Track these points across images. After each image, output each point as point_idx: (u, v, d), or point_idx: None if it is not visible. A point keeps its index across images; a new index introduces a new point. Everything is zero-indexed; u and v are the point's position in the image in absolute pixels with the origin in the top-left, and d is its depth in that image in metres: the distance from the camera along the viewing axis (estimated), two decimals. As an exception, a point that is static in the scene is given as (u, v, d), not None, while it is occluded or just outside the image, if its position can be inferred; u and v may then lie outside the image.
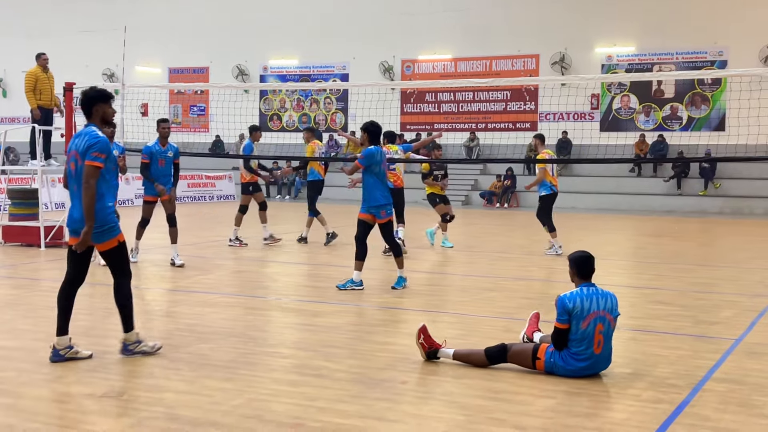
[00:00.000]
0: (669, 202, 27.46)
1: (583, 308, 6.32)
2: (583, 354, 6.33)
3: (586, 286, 6.47)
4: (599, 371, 6.47)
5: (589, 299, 6.36)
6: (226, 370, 6.55)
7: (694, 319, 8.97)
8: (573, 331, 6.34)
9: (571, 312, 6.31)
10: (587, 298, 6.36)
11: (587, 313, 6.32)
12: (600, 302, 6.39)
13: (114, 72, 35.20)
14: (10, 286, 11.01)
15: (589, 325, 6.31)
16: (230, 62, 34.87)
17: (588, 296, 6.38)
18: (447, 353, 6.78)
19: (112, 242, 6.76)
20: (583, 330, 6.30)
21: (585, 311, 6.32)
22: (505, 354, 6.57)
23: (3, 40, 38.50)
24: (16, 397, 5.75)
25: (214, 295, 9.99)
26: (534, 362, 6.48)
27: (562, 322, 6.36)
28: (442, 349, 6.81)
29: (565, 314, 6.33)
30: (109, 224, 6.72)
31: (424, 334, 6.85)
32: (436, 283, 12.09)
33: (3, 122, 36.96)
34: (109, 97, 7.00)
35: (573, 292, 6.44)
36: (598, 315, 6.35)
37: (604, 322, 6.37)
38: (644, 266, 13.77)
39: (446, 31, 31.88)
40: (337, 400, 5.78)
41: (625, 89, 29.91)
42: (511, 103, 31.32)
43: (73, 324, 7.97)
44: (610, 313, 6.43)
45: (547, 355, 6.44)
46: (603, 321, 6.36)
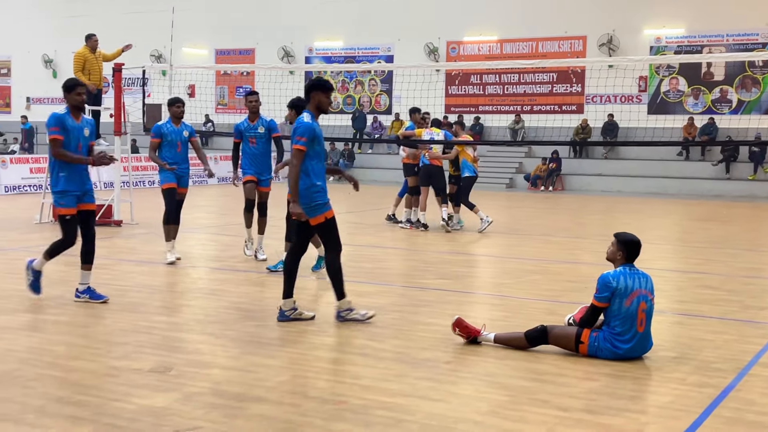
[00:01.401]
0: (717, 186, 27.05)
1: (627, 286, 6.34)
2: (627, 334, 6.32)
3: (629, 266, 6.49)
4: (642, 354, 6.44)
5: (632, 278, 6.40)
6: (271, 347, 6.63)
7: (741, 304, 8.86)
8: (616, 310, 6.33)
9: (615, 290, 6.32)
10: (630, 277, 6.40)
11: (631, 291, 6.34)
12: (641, 281, 6.43)
13: (162, 53, 35.50)
14: (60, 263, 11.18)
15: (632, 303, 6.32)
16: (276, 44, 34.98)
17: (631, 275, 6.42)
18: (488, 338, 6.78)
19: (320, 218, 7.33)
20: (627, 308, 6.31)
21: (629, 289, 6.34)
22: (545, 336, 6.56)
23: (53, 22, 39.07)
24: (67, 371, 5.88)
25: (259, 274, 10.09)
26: (577, 346, 6.46)
27: (601, 300, 6.38)
28: (482, 334, 6.81)
29: (607, 292, 6.34)
30: (316, 202, 7.30)
31: (459, 327, 6.86)
32: (479, 265, 12.09)
33: (53, 102, 37.53)
34: (329, 88, 7.49)
35: (616, 271, 6.46)
36: (641, 293, 6.38)
37: (646, 301, 6.39)
38: (692, 251, 13.61)
39: (492, 12, 31.63)
40: (381, 379, 5.82)
41: (674, 71, 29.47)
42: (557, 85, 31.03)
43: (122, 300, 8.13)
44: (651, 293, 6.46)
45: (591, 339, 6.42)
46: (645, 300, 6.39)
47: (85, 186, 8.14)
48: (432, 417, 5.05)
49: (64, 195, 8.02)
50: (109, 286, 8.58)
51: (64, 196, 8.02)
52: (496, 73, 31.75)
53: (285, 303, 7.47)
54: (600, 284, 6.40)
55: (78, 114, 8.11)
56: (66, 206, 8.04)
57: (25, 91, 41.06)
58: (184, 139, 10.91)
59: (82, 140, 8.10)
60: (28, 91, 40.98)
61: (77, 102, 8.07)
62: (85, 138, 8.13)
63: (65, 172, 7.99)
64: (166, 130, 10.80)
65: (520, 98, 31.62)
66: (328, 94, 7.46)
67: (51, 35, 39.03)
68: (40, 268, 8.32)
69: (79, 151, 8.06)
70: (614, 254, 6.59)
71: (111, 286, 8.66)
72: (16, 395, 5.32)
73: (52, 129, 7.95)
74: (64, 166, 7.99)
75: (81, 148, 8.08)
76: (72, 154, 7.95)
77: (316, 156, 7.37)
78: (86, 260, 8.25)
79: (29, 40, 39.84)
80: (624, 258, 6.53)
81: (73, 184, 8.02)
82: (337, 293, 7.50)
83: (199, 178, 28.01)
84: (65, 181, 7.98)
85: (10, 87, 42.11)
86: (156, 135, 10.81)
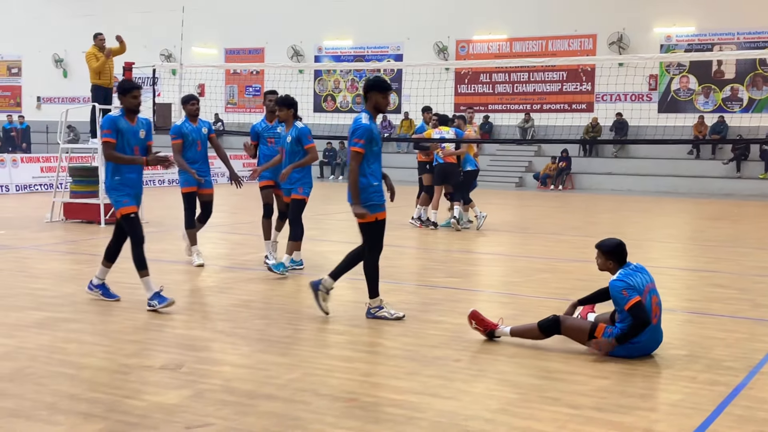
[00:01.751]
0: (728, 184, 26.97)
1: (638, 282, 6.38)
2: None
3: (626, 266, 6.55)
4: (655, 348, 6.44)
5: (637, 275, 6.46)
6: (282, 345, 6.65)
7: (752, 302, 8.84)
8: None
9: (634, 287, 6.32)
10: (635, 275, 6.45)
11: (643, 286, 6.39)
12: (646, 276, 6.51)
13: (172, 52, 35.60)
14: (72, 261, 11.27)
15: (647, 297, 6.36)
16: (285, 43, 35.03)
17: (635, 272, 6.48)
18: (505, 332, 6.79)
19: (370, 217, 7.43)
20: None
21: (641, 285, 6.39)
22: (558, 326, 6.56)
23: (63, 21, 39.20)
24: (78, 368, 5.91)
25: (270, 272, 10.10)
26: (590, 340, 6.46)
27: (635, 296, 6.29)
28: (499, 328, 6.82)
29: (632, 289, 6.30)
30: (372, 201, 7.43)
31: (475, 320, 6.86)
32: (489, 263, 12.08)
33: (64, 102, 37.67)
34: (386, 88, 7.54)
35: (622, 273, 6.47)
36: (651, 287, 6.46)
37: (656, 293, 6.48)
38: (702, 249, 13.58)
39: (501, 10, 31.61)
40: (392, 377, 5.83)
41: (684, 70, 29.39)
42: (567, 84, 30.98)
43: (132, 297, 8.16)
44: (653, 284, 6.53)
45: (605, 335, 6.40)
46: (655, 293, 6.47)
47: (137, 188, 8.11)
48: (442, 414, 5.05)
49: (122, 194, 7.93)
50: (119, 284, 8.61)
51: (123, 194, 7.93)
52: (506, 72, 31.72)
53: (371, 302, 7.60)
54: (621, 288, 6.33)
55: (133, 116, 8.06)
56: (129, 204, 7.92)
57: (35, 91, 41.23)
58: (203, 137, 10.47)
59: (138, 142, 8.05)
60: (38, 90, 41.15)
61: (132, 105, 8.07)
62: (141, 140, 8.07)
63: (119, 176, 7.95)
64: (186, 130, 10.33)
65: (530, 97, 31.58)
66: (386, 94, 7.53)
67: (61, 35, 39.15)
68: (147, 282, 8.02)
69: (135, 153, 8.03)
70: (605, 264, 6.62)
71: (122, 284, 8.68)
72: (28, 392, 5.34)
73: (105, 132, 7.91)
74: (118, 168, 7.95)
75: (138, 151, 8.05)
76: (124, 156, 7.89)
77: (374, 156, 7.49)
78: (110, 258, 8.22)
79: (40, 40, 39.99)
80: (617, 263, 6.57)
81: (128, 186, 7.99)
82: (371, 291, 7.61)
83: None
84: (120, 183, 7.96)
85: (20, 86, 42.27)
86: (177, 136, 10.31)
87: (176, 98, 16.67)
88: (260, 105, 36.23)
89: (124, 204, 7.90)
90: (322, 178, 31.92)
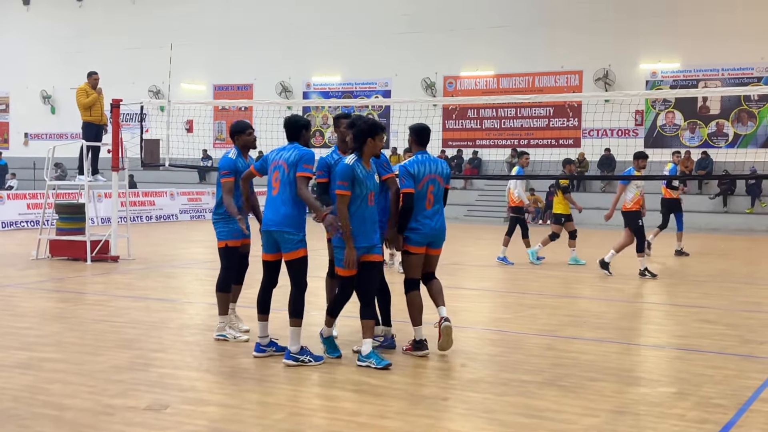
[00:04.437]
0: (715, 219, 27.08)
1: (419, 171, 7.43)
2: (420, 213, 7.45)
3: (421, 154, 7.59)
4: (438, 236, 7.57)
5: (423, 164, 7.49)
6: (268, 384, 6.58)
7: (741, 338, 8.82)
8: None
9: (413, 175, 7.40)
10: (422, 164, 7.47)
11: (423, 175, 7.44)
12: (432, 167, 7.53)
13: (160, 89, 35.70)
14: (57, 299, 11.18)
15: (424, 185, 7.45)
16: (274, 79, 35.19)
17: (422, 162, 7.50)
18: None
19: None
20: (419, 190, 7.43)
21: (421, 174, 7.43)
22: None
23: (51, 58, 39.30)
24: (62, 409, 5.83)
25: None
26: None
27: (408, 187, 7.38)
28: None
29: (410, 178, 7.38)
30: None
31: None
32: (479, 299, 12.05)
33: (51, 138, 37.63)
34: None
35: (411, 160, 7.54)
36: (431, 178, 7.50)
37: (434, 183, 7.52)
38: (690, 284, 13.58)
39: (488, 47, 31.87)
40: (379, 416, 5.77)
41: (670, 105, 29.63)
42: (554, 120, 31.18)
43: (117, 336, 8.07)
44: (441, 176, 7.57)
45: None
46: (434, 183, 7.52)
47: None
48: (430, 455, 4.99)
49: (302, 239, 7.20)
50: (104, 323, 8.53)
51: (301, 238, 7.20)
52: (493, 108, 31.92)
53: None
54: (403, 173, 7.44)
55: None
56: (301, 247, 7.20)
57: (23, 127, 41.24)
58: None
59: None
60: (26, 126, 41.16)
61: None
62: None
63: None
64: (242, 166, 8.04)
65: (517, 132, 31.75)
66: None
67: (49, 71, 39.26)
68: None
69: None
70: (410, 142, 7.80)
71: (106, 323, 8.60)
72: (10, 434, 5.26)
73: (225, 173, 7.87)
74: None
75: None
76: (310, 197, 7.19)
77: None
78: (267, 309, 7.52)
79: (28, 76, 40.09)
80: (416, 144, 7.68)
81: None
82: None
83: (197, 213, 28.01)
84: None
85: (8, 123, 42.27)
86: (231, 173, 7.94)
87: (164, 134, 16.69)
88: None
89: (299, 244, 7.18)
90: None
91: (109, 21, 38.25)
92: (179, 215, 27.17)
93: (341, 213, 6.90)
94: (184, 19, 36.44)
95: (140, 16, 37.66)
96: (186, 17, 36.54)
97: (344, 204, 6.91)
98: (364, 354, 7.08)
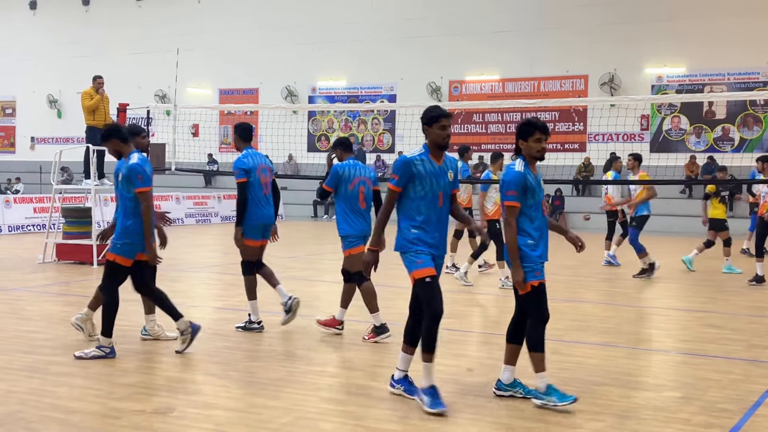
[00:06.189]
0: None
1: (350, 174, 8.30)
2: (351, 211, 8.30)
3: (351, 159, 8.45)
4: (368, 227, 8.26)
5: (353, 168, 8.36)
6: (274, 388, 6.59)
7: (746, 342, 8.82)
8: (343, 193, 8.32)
9: (340, 177, 8.29)
10: (352, 167, 8.35)
11: (353, 178, 8.31)
12: (361, 170, 8.38)
13: (166, 93, 35.76)
14: (63, 303, 11.21)
15: (355, 186, 8.31)
16: (279, 83, 35.23)
17: (353, 166, 8.37)
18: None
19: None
20: (350, 191, 8.29)
21: (351, 176, 8.30)
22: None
23: (57, 62, 39.42)
24: (68, 413, 5.85)
25: (262, 314, 10.05)
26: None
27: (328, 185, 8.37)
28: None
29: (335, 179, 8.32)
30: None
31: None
32: (484, 303, 12.05)
33: (58, 142, 37.75)
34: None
35: (343, 163, 8.40)
36: (360, 179, 8.34)
37: (365, 185, 8.36)
38: (695, 289, 13.57)
39: (494, 51, 31.88)
40: (385, 420, 5.78)
41: (676, 110, 29.60)
42: (559, 124, 31.17)
43: (124, 340, 8.10)
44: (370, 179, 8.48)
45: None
46: (364, 184, 8.36)
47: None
48: (436, 459, 5.00)
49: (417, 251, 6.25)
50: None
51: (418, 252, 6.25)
52: (499, 112, 31.91)
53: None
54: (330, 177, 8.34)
55: (440, 155, 6.34)
56: (425, 266, 6.22)
57: (29, 131, 41.35)
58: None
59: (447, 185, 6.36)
60: (32, 131, 41.27)
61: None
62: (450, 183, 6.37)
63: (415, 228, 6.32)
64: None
65: (523, 137, 31.68)
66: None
67: (56, 75, 39.37)
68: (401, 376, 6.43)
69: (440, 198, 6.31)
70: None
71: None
72: (18, 437, 5.28)
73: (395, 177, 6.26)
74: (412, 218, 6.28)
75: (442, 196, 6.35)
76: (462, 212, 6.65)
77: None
78: (414, 340, 6.37)
79: (34, 80, 40.20)
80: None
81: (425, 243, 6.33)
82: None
83: (203, 217, 28.06)
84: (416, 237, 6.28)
85: (14, 127, 42.38)
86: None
87: (170, 139, 16.74)
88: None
89: (418, 265, 6.21)
90: (316, 217, 31.94)
91: (115, 25, 38.34)
92: (185, 219, 27.20)
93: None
94: (190, 24, 36.52)
95: (147, 20, 37.75)
96: (192, 21, 36.62)
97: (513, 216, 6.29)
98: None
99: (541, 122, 6.38)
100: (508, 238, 6.27)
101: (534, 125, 6.32)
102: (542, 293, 6.31)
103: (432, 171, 6.21)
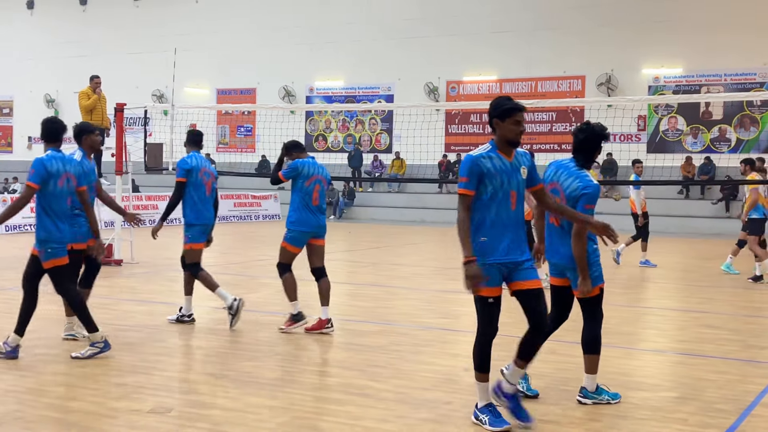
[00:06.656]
0: (717, 224, 27.06)
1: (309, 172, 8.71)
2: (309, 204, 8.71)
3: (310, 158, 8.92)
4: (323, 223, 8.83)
5: (313, 167, 8.79)
6: (272, 387, 6.59)
7: (743, 343, 8.83)
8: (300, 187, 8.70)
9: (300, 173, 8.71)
10: (312, 166, 8.79)
11: (311, 175, 8.73)
12: (319, 170, 8.82)
13: (163, 93, 35.73)
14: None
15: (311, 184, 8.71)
16: (277, 83, 35.22)
17: (312, 164, 8.81)
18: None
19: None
20: (307, 187, 8.71)
21: (310, 173, 8.70)
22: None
23: (55, 62, 39.38)
24: (65, 412, 5.85)
25: (259, 313, 10.06)
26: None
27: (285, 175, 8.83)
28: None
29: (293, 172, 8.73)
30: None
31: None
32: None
33: (55, 142, 37.65)
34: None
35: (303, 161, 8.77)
36: (317, 178, 8.77)
37: (320, 183, 8.78)
38: (693, 289, 13.59)
39: (491, 52, 31.90)
40: (382, 420, 5.78)
41: (673, 111, 29.63)
42: (556, 124, 31.19)
43: (121, 340, 8.09)
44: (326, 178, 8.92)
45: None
46: (319, 183, 8.77)
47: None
48: (433, 459, 5.00)
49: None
50: (108, 326, 8.54)
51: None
52: (496, 113, 31.88)
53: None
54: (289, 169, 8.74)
55: (510, 151, 5.71)
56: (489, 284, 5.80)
57: (26, 131, 41.27)
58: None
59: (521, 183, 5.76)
60: (30, 130, 41.17)
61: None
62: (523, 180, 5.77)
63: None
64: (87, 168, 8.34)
65: (520, 137, 31.70)
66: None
67: (53, 75, 39.33)
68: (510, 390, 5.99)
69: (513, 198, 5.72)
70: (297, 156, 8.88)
71: (110, 326, 8.62)
72: (15, 437, 5.28)
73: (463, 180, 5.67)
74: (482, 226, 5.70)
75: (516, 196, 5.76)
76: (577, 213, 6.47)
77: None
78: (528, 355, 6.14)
79: (31, 80, 40.15)
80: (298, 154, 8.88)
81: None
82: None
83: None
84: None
85: (11, 126, 42.34)
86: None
87: (167, 138, 16.73)
88: (252, 145, 36.39)
89: (484, 282, 5.77)
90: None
91: (112, 25, 38.31)
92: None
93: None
94: (188, 24, 36.50)
95: (144, 20, 37.73)
96: (190, 21, 36.60)
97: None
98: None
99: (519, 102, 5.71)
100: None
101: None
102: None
103: (502, 168, 5.57)
